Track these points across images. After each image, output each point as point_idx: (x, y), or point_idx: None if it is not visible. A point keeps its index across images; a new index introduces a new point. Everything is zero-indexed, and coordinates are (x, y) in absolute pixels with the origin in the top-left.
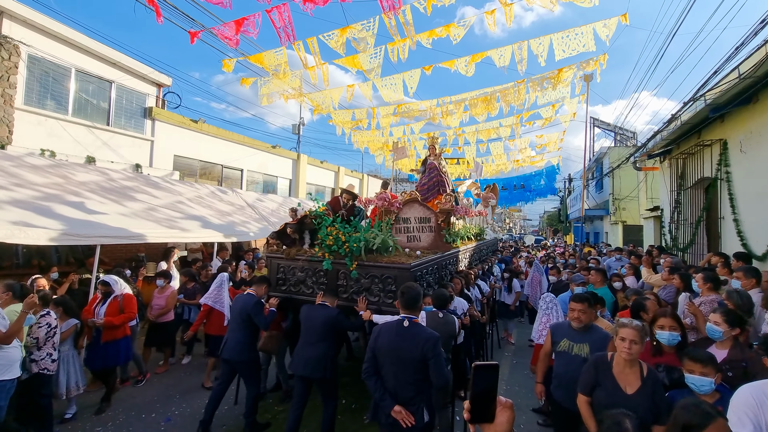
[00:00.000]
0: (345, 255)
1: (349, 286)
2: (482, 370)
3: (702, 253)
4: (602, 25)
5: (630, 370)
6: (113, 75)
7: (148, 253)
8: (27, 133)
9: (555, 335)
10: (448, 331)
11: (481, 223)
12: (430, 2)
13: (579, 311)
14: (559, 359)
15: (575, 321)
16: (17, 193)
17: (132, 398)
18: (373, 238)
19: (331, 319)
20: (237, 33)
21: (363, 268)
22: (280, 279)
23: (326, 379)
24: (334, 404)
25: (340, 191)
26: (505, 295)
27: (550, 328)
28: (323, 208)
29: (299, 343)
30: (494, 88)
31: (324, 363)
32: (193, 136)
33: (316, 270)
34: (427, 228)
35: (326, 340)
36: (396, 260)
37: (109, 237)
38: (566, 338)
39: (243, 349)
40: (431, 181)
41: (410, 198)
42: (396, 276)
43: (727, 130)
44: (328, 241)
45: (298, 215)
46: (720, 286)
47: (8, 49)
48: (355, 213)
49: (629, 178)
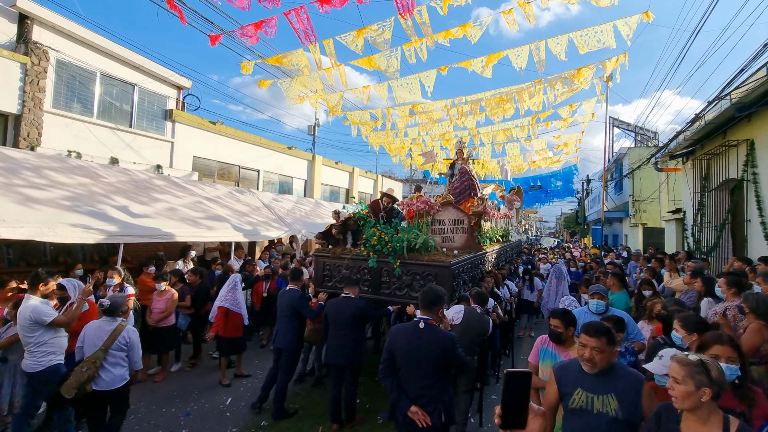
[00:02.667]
0: (389, 254)
1: (392, 283)
2: (514, 377)
3: (726, 257)
4: (623, 23)
5: (703, 426)
6: (136, 78)
7: (167, 252)
8: (55, 135)
9: (563, 383)
10: (483, 327)
11: (507, 225)
12: (446, 2)
13: (593, 350)
14: (575, 421)
15: (587, 364)
16: (46, 193)
17: (152, 392)
18: (415, 238)
19: (359, 311)
20: (256, 34)
21: (405, 265)
22: (326, 276)
23: (358, 364)
24: (355, 383)
25: (380, 195)
26: (527, 292)
27: (554, 371)
28: (365, 210)
29: (330, 335)
30: (510, 89)
31: (357, 351)
32: (211, 138)
33: (360, 267)
34: (461, 229)
35: (357, 330)
36: (436, 259)
37: (134, 236)
38: (580, 388)
39: (292, 339)
40: (463, 185)
41: (445, 201)
42: (436, 273)
43: (754, 129)
44: (373, 240)
45: (341, 217)
46: (744, 290)
47: (38, 54)
48: (394, 215)
49: (650, 180)
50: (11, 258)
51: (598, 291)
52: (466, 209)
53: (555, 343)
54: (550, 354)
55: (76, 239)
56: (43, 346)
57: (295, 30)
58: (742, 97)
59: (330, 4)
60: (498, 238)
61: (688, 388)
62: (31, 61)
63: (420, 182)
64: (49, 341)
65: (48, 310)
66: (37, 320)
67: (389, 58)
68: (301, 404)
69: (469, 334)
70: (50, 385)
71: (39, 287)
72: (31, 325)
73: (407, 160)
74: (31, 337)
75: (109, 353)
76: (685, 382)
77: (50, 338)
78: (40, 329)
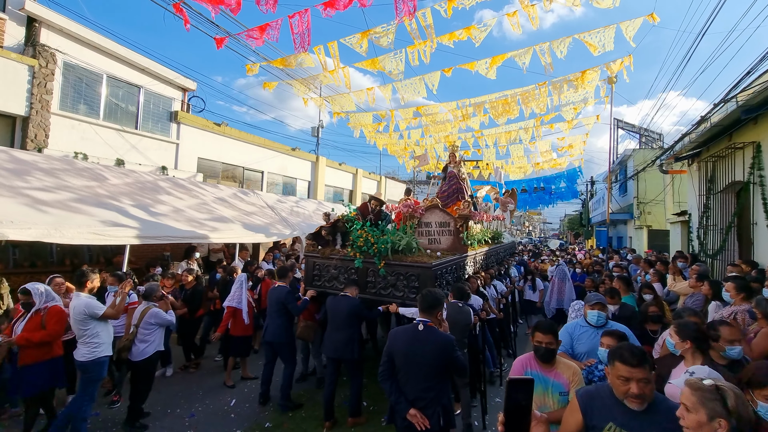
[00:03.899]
0: (374, 255)
1: (377, 282)
2: (516, 384)
3: (732, 260)
4: (627, 25)
5: None
6: (141, 80)
7: (173, 252)
8: (62, 136)
9: (590, 413)
10: (465, 319)
11: (499, 227)
12: (450, 4)
13: (640, 382)
14: None
15: (635, 402)
16: (53, 195)
17: (157, 393)
18: (399, 240)
19: (354, 309)
20: (261, 36)
21: (390, 266)
22: (315, 275)
23: (353, 359)
24: (359, 381)
25: (369, 198)
26: (530, 293)
27: (579, 398)
28: (354, 213)
29: (327, 330)
30: (515, 91)
31: (351, 346)
32: (216, 139)
33: (348, 268)
34: (446, 231)
35: (351, 327)
36: (419, 260)
37: (140, 237)
38: (612, 422)
39: (281, 333)
40: (451, 188)
41: (431, 204)
42: (419, 274)
43: (760, 132)
44: (359, 242)
45: (331, 219)
46: (753, 294)
47: (46, 57)
48: (382, 217)
49: (655, 182)
50: (16, 258)
51: (599, 301)
52: (454, 212)
53: (542, 362)
54: (538, 378)
55: (82, 240)
56: (96, 337)
57: (293, 34)
58: (748, 100)
59: (334, 6)
60: (487, 240)
61: (700, 417)
62: (39, 63)
63: (426, 184)
64: (100, 333)
65: (98, 305)
66: (91, 314)
67: (394, 60)
68: (305, 405)
69: (456, 327)
70: (98, 374)
71: (86, 284)
72: (85, 319)
73: (410, 162)
74: (86, 330)
75: (138, 330)
76: (696, 410)
77: (101, 330)
78: (93, 322)
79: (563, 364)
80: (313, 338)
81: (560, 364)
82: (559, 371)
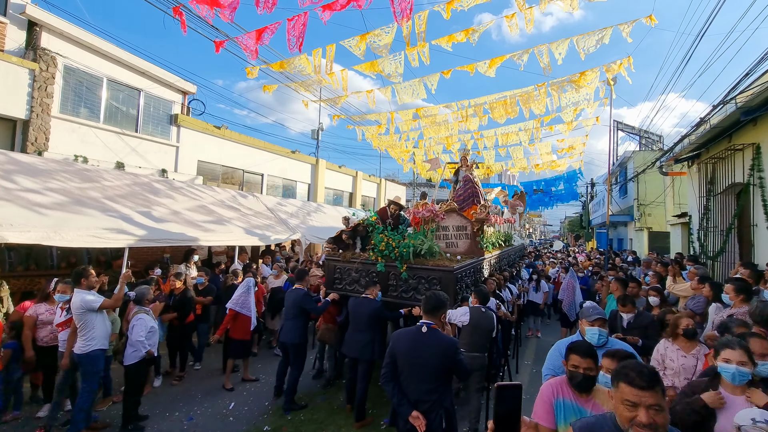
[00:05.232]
0: (396, 258)
1: (399, 286)
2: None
3: (733, 262)
4: (626, 27)
5: None
6: (142, 83)
7: (172, 255)
8: (62, 139)
9: None
10: (488, 324)
11: (509, 229)
12: (449, 6)
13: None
14: None
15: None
16: (53, 198)
17: (156, 396)
18: (421, 244)
19: (375, 311)
20: (257, 42)
21: (412, 270)
22: (336, 278)
23: (371, 360)
24: (366, 380)
25: (388, 202)
26: (533, 294)
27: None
28: (374, 218)
29: (349, 331)
30: (514, 92)
31: (372, 347)
32: (216, 142)
33: (369, 271)
34: (464, 235)
35: (372, 328)
36: (440, 263)
37: (139, 240)
38: None
39: (295, 335)
40: (466, 192)
41: (450, 208)
42: (441, 277)
43: (760, 133)
44: (381, 246)
45: (350, 223)
46: (753, 297)
47: (46, 60)
48: (401, 221)
49: (655, 183)
50: (12, 261)
51: (600, 316)
52: (470, 216)
53: (579, 391)
54: (573, 409)
55: (82, 243)
56: (91, 331)
57: (289, 37)
58: (747, 101)
59: (332, 9)
60: (500, 242)
61: None
62: (40, 67)
63: (426, 186)
64: (96, 326)
65: (95, 297)
66: (88, 307)
67: (392, 63)
68: (305, 408)
69: (479, 332)
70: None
71: (83, 282)
72: (83, 313)
73: (410, 164)
74: (82, 323)
75: (126, 335)
76: None
77: (97, 324)
78: (89, 315)
79: (602, 393)
80: (333, 341)
81: (599, 393)
82: (598, 401)
